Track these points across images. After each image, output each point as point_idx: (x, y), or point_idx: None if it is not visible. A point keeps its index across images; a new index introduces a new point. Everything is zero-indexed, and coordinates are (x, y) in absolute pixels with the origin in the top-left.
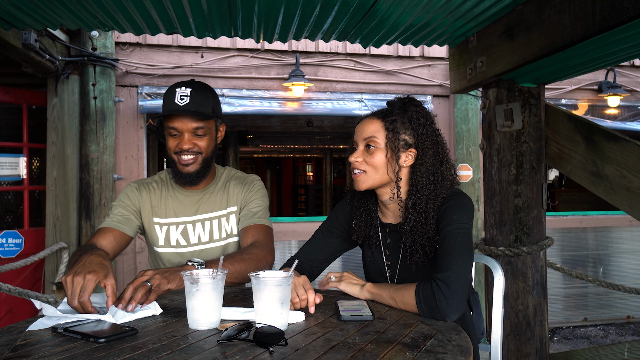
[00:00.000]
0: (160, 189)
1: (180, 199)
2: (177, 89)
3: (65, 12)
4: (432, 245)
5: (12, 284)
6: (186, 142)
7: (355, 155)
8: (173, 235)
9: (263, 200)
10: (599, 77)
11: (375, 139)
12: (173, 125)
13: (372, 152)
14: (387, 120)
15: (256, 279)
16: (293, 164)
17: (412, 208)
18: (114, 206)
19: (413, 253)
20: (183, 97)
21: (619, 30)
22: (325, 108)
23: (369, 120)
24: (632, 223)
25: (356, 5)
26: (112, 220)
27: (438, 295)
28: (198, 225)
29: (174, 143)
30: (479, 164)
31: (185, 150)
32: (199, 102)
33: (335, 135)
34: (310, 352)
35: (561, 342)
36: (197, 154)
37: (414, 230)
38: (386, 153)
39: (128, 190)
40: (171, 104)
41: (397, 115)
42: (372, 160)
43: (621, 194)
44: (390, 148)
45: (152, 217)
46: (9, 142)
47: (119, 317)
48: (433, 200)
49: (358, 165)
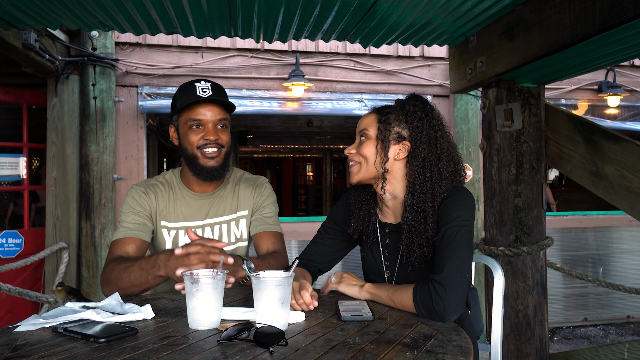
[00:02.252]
0: (167, 191)
1: (190, 203)
2: (196, 84)
3: (65, 12)
4: (430, 246)
5: (12, 284)
6: (212, 132)
7: (350, 147)
8: (182, 239)
9: (275, 206)
10: (599, 77)
11: (366, 131)
12: (197, 117)
13: (363, 142)
14: (382, 113)
15: (256, 279)
16: (293, 164)
17: (410, 206)
18: (124, 213)
19: (410, 253)
20: (205, 89)
21: (619, 30)
22: (325, 108)
23: (367, 114)
24: (632, 223)
25: (356, 5)
26: (129, 230)
27: (435, 297)
28: (207, 229)
29: (196, 136)
30: (479, 164)
31: (211, 142)
32: (221, 94)
33: (335, 135)
34: (311, 352)
35: (561, 342)
36: (220, 147)
37: (412, 230)
38: (376, 144)
39: (135, 194)
40: (194, 96)
41: (394, 109)
42: (362, 150)
43: (621, 194)
44: (380, 139)
45: (159, 220)
46: (9, 142)
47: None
48: (431, 199)
49: (352, 156)
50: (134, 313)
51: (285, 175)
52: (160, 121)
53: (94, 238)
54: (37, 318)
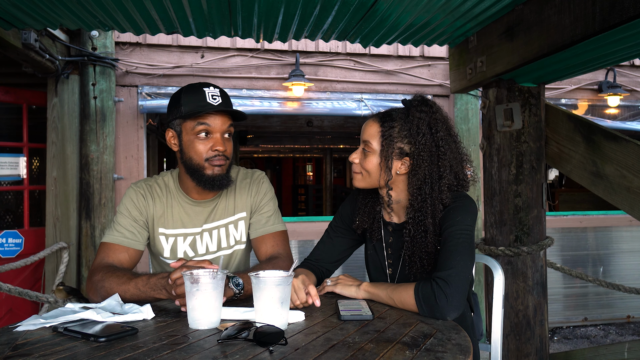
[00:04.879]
0: (165, 195)
1: (187, 210)
2: (205, 89)
3: (65, 12)
4: (430, 259)
5: (12, 284)
6: (220, 143)
7: (354, 155)
8: (180, 246)
9: (273, 201)
10: (599, 77)
11: (370, 144)
12: (207, 126)
13: (366, 155)
14: (385, 126)
15: (256, 278)
16: (293, 164)
17: (412, 219)
18: (121, 215)
19: (411, 264)
20: (215, 96)
21: (619, 30)
22: (325, 108)
23: (370, 122)
24: (632, 223)
25: (356, 5)
26: (124, 237)
27: (438, 294)
28: (206, 235)
29: (205, 146)
30: (479, 164)
31: (220, 154)
32: (229, 102)
33: (335, 135)
34: (310, 352)
35: (561, 342)
36: (226, 159)
37: (414, 242)
38: (380, 161)
39: (133, 196)
40: (204, 103)
41: (397, 121)
42: (365, 164)
43: (621, 194)
44: (383, 156)
45: (157, 227)
46: (9, 142)
47: (104, 317)
48: (431, 215)
49: (355, 166)
50: (134, 313)
51: (285, 175)
52: (160, 121)
53: (94, 238)
54: (37, 318)
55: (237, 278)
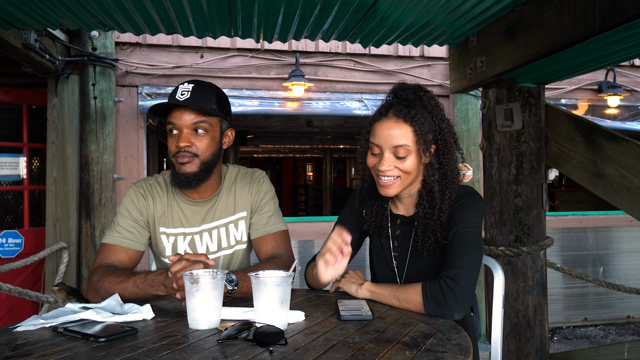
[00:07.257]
0: (164, 195)
1: (185, 209)
2: (180, 86)
3: (65, 12)
4: (443, 232)
5: (12, 284)
6: (182, 139)
7: (386, 164)
8: (180, 246)
9: (274, 201)
10: (599, 77)
11: (407, 147)
12: (171, 120)
13: (405, 158)
14: (415, 123)
15: (256, 278)
16: (293, 164)
17: (427, 195)
18: (121, 215)
19: (425, 239)
20: (184, 92)
21: (619, 30)
22: (325, 108)
23: (394, 123)
24: (632, 223)
25: (356, 5)
26: (124, 238)
27: (447, 292)
28: (205, 235)
29: (172, 143)
30: (479, 164)
31: (181, 150)
32: (200, 97)
33: (335, 135)
34: (310, 352)
35: (561, 342)
36: (193, 156)
37: (427, 217)
38: (419, 158)
39: (134, 196)
40: (171, 99)
41: (420, 113)
42: (405, 166)
43: (621, 194)
44: (421, 152)
45: (158, 226)
46: (9, 142)
47: (104, 317)
48: (450, 189)
49: (390, 173)
50: (134, 313)
51: (285, 175)
52: (160, 121)
53: (94, 238)
54: (37, 318)
55: (230, 275)
